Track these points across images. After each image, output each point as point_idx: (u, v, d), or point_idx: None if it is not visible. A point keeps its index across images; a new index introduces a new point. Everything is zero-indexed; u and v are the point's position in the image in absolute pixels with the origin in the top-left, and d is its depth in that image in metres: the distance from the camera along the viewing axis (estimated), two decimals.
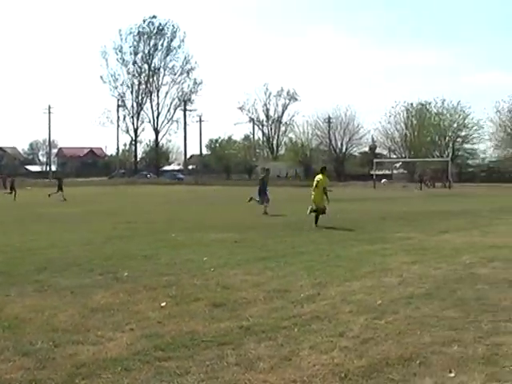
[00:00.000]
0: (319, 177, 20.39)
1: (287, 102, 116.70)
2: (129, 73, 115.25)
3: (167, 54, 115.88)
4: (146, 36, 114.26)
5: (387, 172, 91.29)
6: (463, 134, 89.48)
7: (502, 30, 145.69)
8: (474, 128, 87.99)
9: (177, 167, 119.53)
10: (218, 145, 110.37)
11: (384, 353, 6.00)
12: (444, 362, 5.74)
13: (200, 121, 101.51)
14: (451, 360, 5.78)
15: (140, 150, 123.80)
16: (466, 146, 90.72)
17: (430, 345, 6.25)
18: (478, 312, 7.63)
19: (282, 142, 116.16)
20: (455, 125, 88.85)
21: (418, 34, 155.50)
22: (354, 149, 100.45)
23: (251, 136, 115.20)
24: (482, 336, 6.56)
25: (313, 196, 20.28)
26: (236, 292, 9.02)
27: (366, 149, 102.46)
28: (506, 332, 6.74)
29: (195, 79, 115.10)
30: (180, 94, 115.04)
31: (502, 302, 8.26)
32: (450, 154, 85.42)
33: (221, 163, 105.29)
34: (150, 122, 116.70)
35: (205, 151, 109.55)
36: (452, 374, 5.42)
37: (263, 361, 5.81)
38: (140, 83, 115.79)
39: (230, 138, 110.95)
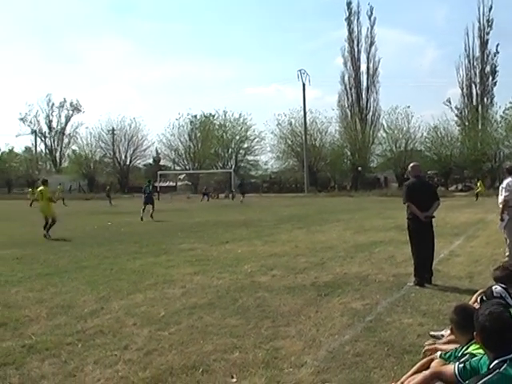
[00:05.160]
0: (41, 189, 22.02)
1: (70, 113, 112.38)
2: None
3: None
4: None
5: (171, 184, 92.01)
6: (246, 145, 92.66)
7: (277, 49, 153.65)
8: (256, 140, 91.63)
9: None
10: None
11: (168, 363, 6.08)
12: (226, 368, 5.94)
13: None
14: (233, 366, 5.99)
15: None
16: (249, 157, 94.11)
17: (213, 353, 6.42)
18: (258, 319, 7.98)
19: (66, 155, 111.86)
20: (238, 137, 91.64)
21: (198, 47, 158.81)
22: (139, 161, 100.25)
23: (33, 148, 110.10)
24: (262, 341, 6.86)
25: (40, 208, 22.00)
26: (18, 310, 8.70)
27: (151, 161, 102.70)
28: (285, 336, 7.10)
29: None
30: None
31: (280, 308, 8.69)
32: (233, 166, 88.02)
33: (1, 176, 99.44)
34: None
35: None
36: (234, 380, 5.63)
37: (47, 379, 5.68)
38: None
39: (11, 150, 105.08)
